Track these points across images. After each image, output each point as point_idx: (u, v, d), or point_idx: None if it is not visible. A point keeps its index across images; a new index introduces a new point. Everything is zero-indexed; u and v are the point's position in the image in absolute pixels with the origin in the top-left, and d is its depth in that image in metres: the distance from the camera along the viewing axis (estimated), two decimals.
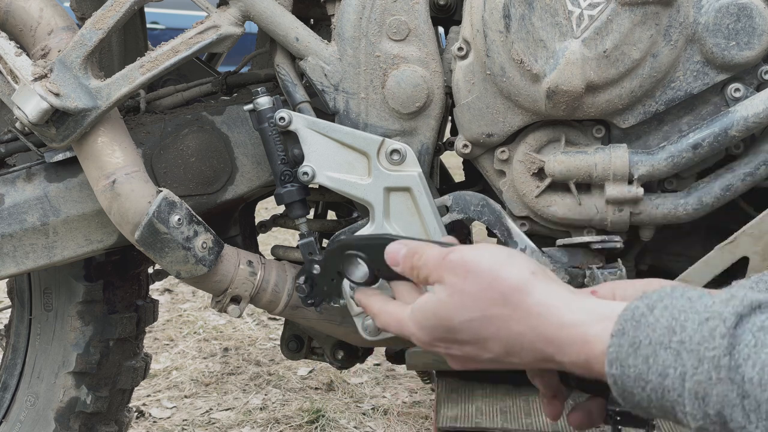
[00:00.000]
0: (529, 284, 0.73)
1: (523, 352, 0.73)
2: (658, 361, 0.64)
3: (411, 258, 0.83)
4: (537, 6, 1.11)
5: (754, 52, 1.12)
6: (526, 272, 0.74)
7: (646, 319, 0.67)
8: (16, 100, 1.14)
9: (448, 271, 0.77)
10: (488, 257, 0.76)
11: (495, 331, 0.74)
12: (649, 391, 0.65)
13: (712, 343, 0.62)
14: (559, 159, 1.16)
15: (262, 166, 1.33)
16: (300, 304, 1.27)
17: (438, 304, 0.77)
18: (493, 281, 0.74)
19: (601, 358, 0.68)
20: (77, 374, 1.47)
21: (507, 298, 0.73)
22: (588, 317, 0.70)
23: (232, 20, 1.19)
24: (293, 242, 2.72)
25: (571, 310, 0.71)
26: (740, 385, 0.60)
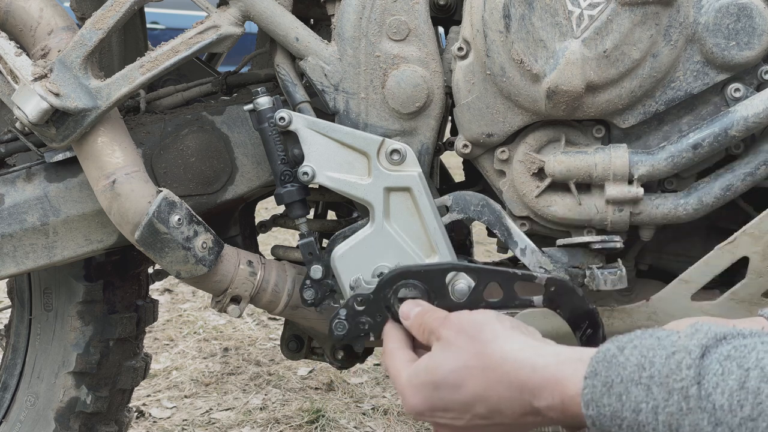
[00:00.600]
0: (506, 336, 0.79)
1: (505, 405, 0.76)
2: (630, 397, 0.67)
3: (422, 317, 0.89)
4: (537, 6, 1.11)
5: (754, 52, 1.12)
6: (506, 326, 0.80)
7: (616, 359, 0.69)
8: (16, 100, 1.14)
9: (445, 329, 0.83)
10: (477, 316, 0.82)
11: (474, 385, 0.77)
12: (626, 428, 0.67)
13: (679, 375, 0.64)
14: (559, 159, 1.16)
15: (262, 166, 1.33)
16: (300, 304, 1.27)
17: (430, 358, 0.83)
18: (476, 335, 0.79)
19: (576, 399, 0.70)
20: (77, 374, 1.47)
21: (485, 348, 0.78)
22: (558, 359, 0.74)
23: (232, 20, 1.19)
24: (293, 242, 2.72)
25: (543, 355, 0.75)
26: (711, 413, 0.61)
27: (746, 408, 0.60)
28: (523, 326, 0.82)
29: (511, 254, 1.29)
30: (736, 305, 1.18)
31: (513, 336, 0.78)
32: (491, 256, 3.34)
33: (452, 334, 0.81)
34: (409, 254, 1.18)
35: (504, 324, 0.80)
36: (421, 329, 0.88)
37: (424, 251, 1.19)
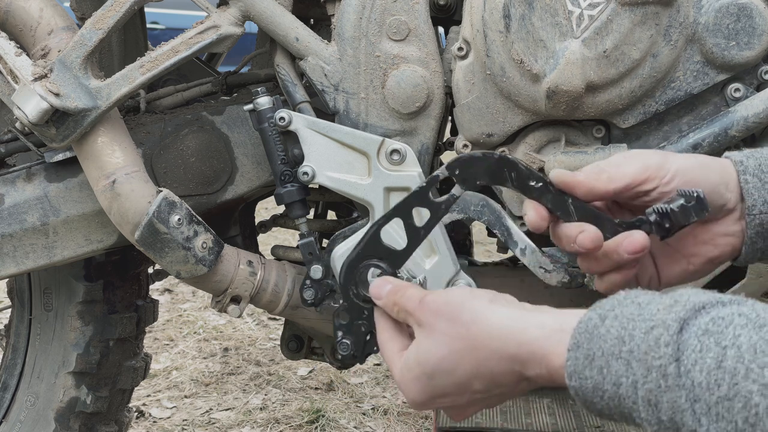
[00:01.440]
0: (487, 312, 0.77)
1: (499, 377, 0.77)
2: (611, 371, 0.68)
3: (394, 295, 0.86)
4: (537, 6, 1.11)
5: (754, 52, 1.12)
6: (484, 302, 0.79)
7: (598, 331, 0.70)
8: (16, 100, 1.14)
9: (423, 313, 0.81)
10: (453, 296, 0.81)
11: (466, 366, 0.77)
12: (607, 399, 0.68)
13: (657, 352, 0.65)
14: (559, 159, 1.16)
15: (262, 166, 1.33)
16: (300, 304, 1.27)
17: (417, 348, 0.81)
18: (456, 316, 0.78)
19: (561, 371, 0.71)
20: (77, 374, 1.47)
21: (469, 329, 0.77)
22: (542, 332, 0.74)
23: (232, 20, 1.19)
24: (293, 242, 2.72)
25: (527, 328, 0.75)
26: (690, 390, 0.62)
27: (723, 387, 0.61)
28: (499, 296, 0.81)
29: (511, 254, 1.29)
30: None
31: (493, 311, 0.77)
32: (491, 256, 3.34)
33: (432, 319, 0.80)
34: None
35: (481, 300, 0.79)
36: (396, 309, 0.86)
37: (424, 251, 1.19)
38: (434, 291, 0.84)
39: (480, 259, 1.56)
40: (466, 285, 1.19)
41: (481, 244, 3.46)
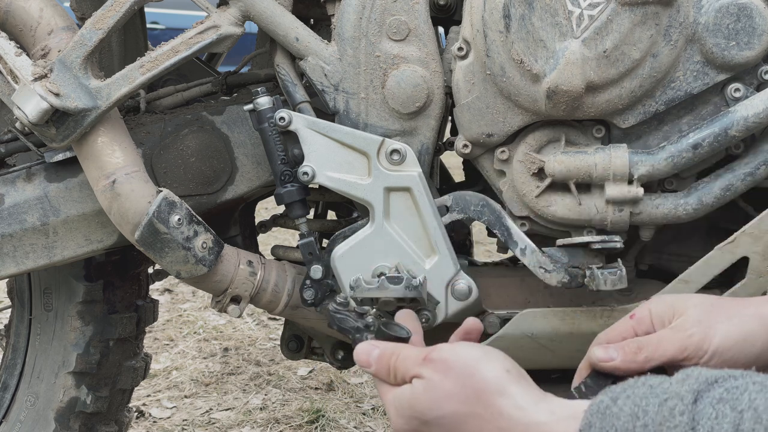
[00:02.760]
0: (502, 384, 0.76)
1: None
2: None
3: (387, 360, 0.83)
4: (537, 6, 1.11)
5: (754, 52, 1.12)
6: (501, 371, 0.77)
7: (610, 410, 0.69)
8: (16, 100, 1.14)
9: (428, 369, 0.79)
10: (465, 356, 0.78)
11: (466, 430, 0.76)
12: None
13: (672, 422, 0.64)
14: (559, 159, 1.16)
15: (262, 166, 1.33)
16: (300, 304, 1.27)
17: (413, 398, 0.79)
18: (468, 379, 0.76)
19: None
20: (77, 374, 1.47)
21: (479, 397, 0.76)
22: (552, 417, 0.73)
23: (232, 20, 1.19)
24: (293, 242, 2.72)
25: (538, 411, 0.74)
26: None
27: None
28: (514, 367, 0.78)
29: (511, 254, 1.29)
30: None
31: (507, 385, 0.75)
32: (491, 256, 3.34)
33: (437, 376, 0.77)
34: (408, 254, 1.18)
35: (495, 366, 0.77)
36: (391, 374, 0.82)
37: (424, 251, 1.19)
38: (438, 347, 0.80)
39: (480, 259, 1.56)
40: (467, 287, 1.19)
41: (481, 244, 3.46)
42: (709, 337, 0.81)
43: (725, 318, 0.82)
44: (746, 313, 0.83)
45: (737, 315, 0.83)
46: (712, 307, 0.84)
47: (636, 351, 0.83)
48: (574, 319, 1.22)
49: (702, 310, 0.84)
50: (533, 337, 1.22)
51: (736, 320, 0.82)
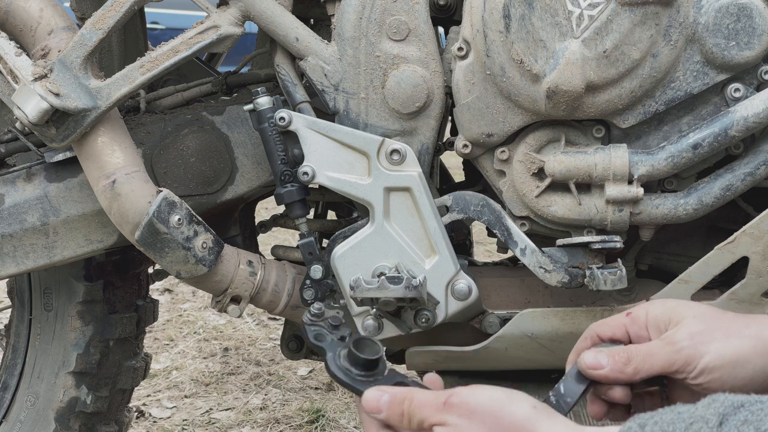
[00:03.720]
0: (532, 421, 0.75)
1: None
2: None
3: (400, 405, 0.80)
4: (537, 6, 1.11)
5: (754, 52, 1.12)
6: (528, 408, 0.75)
7: None
8: (16, 100, 1.14)
9: (451, 414, 0.76)
10: (489, 397, 0.77)
11: None
12: None
13: None
14: (559, 159, 1.16)
15: (262, 166, 1.33)
16: (300, 304, 1.27)
17: None
18: (497, 421, 0.75)
19: None
20: (77, 374, 1.47)
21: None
22: None
23: (232, 20, 1.19)
24: (293, 242, 2.72)
25: None
26: None
27: None
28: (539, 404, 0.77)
29: (511, 254, 1.29)
30: (736, 305, 1.18)
31: (537, 421, 0.74)
32: (491, 256, 3.34)
33: (465, 422, 0.75)
34: (408, 254, 1.18)
35: (521, 404, 0.75)
36: (405, 419, 0.79)
37: (424, 251, 1.19)
38: (455, 391, 0.79)
39: (480, 259, 1.56)
40: (467, 287, 1.19)
41: (481, 244, 3.46)
42: (699, 353, 0.81)
43: (721, 336, 0.82)
44: (744, 335, 0.82)
45: (734, 335, 0.82)
46: (710, 321, 0.84)
47: (625, 362, 0.83)
48: (574, 319, 1.22)
49: (699, 323, 0.83)
50: (533, 337, 1.22)
51: (732, 341, 0.81)
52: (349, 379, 0.83)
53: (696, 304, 0.87)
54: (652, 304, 0.88)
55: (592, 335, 0.90)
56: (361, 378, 0.83)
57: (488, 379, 1.43)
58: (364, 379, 0.83)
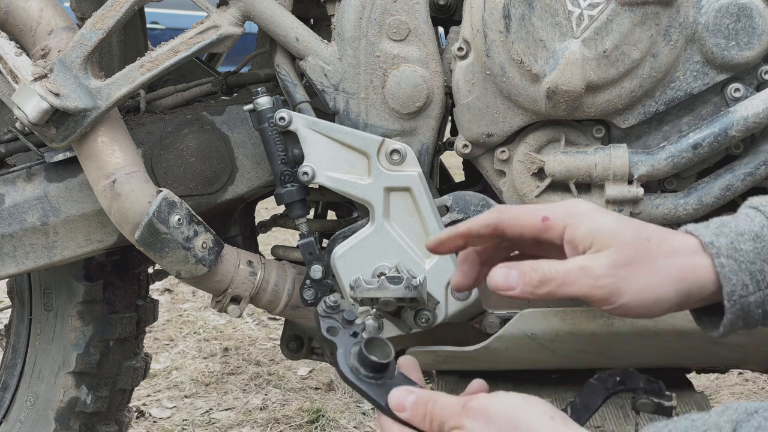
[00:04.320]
0: (549, 428, 0.74)
1: None
2: None
3: (424, 406, 0.80)
4: (537, 6, 1.11)
5: (754, 52, 1.12)
6: (545, 417, 0.75)
7: None
8: (16, 100, 1.14)
9: (468, 418, 0.76)
10: (506, 403, 0.76)
11: None
12: None
13: None
14: (559, 159, 1.16)
15: (262, 166, 1.33)
16: (300, 304, 1.27)
17: None
18: (515, 427, 0.74)
19: None
20: (77, 374, 1.47)
21: None
22: None
23: (232, 20, 1.19)
24: (293, 242, 2.72)
25: None
26: None
27: None
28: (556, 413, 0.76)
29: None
30: None
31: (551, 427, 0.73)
32: None
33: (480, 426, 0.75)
34: (408, 254, 1.18)
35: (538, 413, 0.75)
36: (427, 420, 0.79)
37: (424, 251, 1.19)
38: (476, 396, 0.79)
39: None
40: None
41: None
42: (619, 291, 0.78)
43: (644, 274, 0.78)
44: (667, 275, 0.79)
45: (657, 274, 0.78)
46: (634, 252, 0.79)
47: (537, 284, 0.79)
48: (574, 319, 1.22)
49: (622, 254, 0.79)
50: (533, 337, 1.22)
51: (654, 282, 0.78)
52: (357, 380, 0.83)
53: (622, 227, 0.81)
54: (574, 218, 0.82)
55: (496, 228, 0.84)
56: (368, 379, 0.83)
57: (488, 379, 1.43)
58: (371, 381, 0.83)
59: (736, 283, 0.78)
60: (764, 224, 0.79)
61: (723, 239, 0.79)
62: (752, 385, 2.58)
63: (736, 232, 0.79)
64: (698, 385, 2.47)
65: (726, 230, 0.79)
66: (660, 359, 1.29)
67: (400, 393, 0.81)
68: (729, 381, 2.59)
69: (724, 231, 0.79)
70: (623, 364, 1.28)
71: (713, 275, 0.78)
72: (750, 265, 0.78)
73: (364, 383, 0.83)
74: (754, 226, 0.79)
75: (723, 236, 0.79)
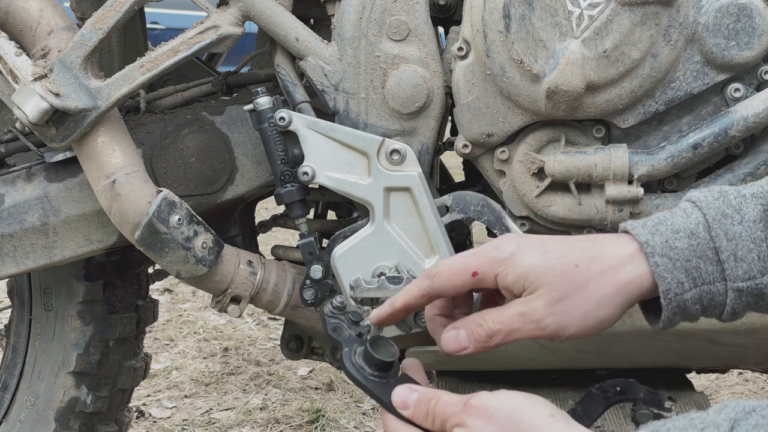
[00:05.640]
0: (550, 426, 0.74)
1: None
2: None
3: (426, 404, 0.81)
4: (537, 6, 1.11)
5: (754, 52, 1.12)
6: (546, 416, 0.75)
7: None
8: (16, 100, 1.14)
9: (470, 416, 0.77)
10: (508, 402, 0.77)
11: None
12: None
13: None
14: (559, 159, 1.16)
15: (262, 166, 1.33)
16: (300, 304, 1.27)
17: None
18: (516, 425, 0.75)
19: None
20: (77, 374, 1.47)
21: None
22: None
23: (232, 20, 1.19)
24: (293, 242, 2.72)
25: None
26: None
27: None
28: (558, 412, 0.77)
29: None
30: None
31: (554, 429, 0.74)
32: None
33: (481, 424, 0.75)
34: (409, 254, 1.18)
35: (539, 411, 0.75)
36: (429, 418, 0.80)
37: (424, 251, 1.19)
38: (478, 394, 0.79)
39: None
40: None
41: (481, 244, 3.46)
42: (563, 327, 0.80)
43: (581, 303, 0.79)
44: (604, 296, 0.80)
45: (594, 298, 0.79)
46: (567, 284, 0.80)
47: (486, 339, 0.81)
48: None
49: (556, 291, 0.80)
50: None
51: (591, 306, 0.80)
52: (362, 378, 0.84)
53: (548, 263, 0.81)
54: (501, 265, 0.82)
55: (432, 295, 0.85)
56: (373, 378, 0.84)
57: (488, 379, 1.43)
58: (376, 379, 0.84)
59: (671, 282, 0.79)
60: (700, 221, 0.79)
61: (658, 238, 0.79)
62: (752, 385, 2.58)
63: (671, 229, 0.80)
64: (698, 385, 2.47)
65: (662, 228, 0.80)
66: (660, 359, 1.29)
67: (403, 391, 0.82)
68: (729, 381, 2.60)
69: (660, 229, 0.80)
70: (623, 364, 1.28)
71: (650, 275, 0.79)
72: (685, 262, 0.78)
73: (368, 381, 0.84)
74: (689, 223, 0.79)
75: (658, 235, 0.80)
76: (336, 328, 0.90)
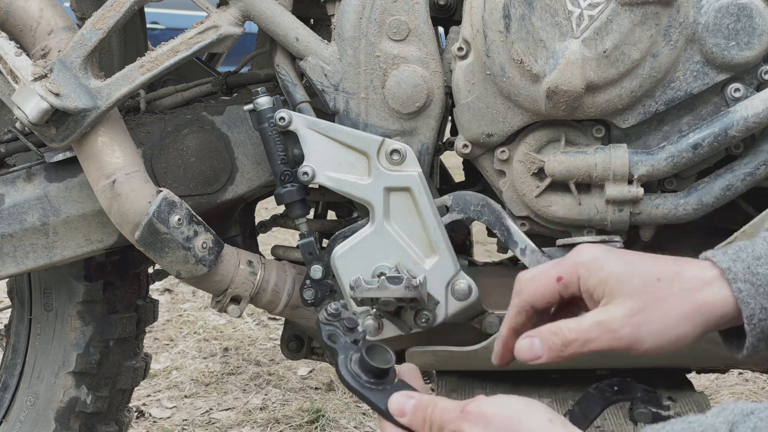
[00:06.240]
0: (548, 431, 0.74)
1: None
2: None
3: (423, 411, 0.80)
4: (537, 6, 1.11)
5: (754, 52, 1.12)
6: (544, 421, 0.75)
7: None
8: (16, 100, 1.15)
9: (467, 422, 0.77)
10: (506, 407, 0.77)
11: None
12: None
13: None
14: (559, 159, 1.16)
15: (262, 166, 1.33)
16: (300, 304, 1.27)
17: None
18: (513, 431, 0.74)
19: None
20: (77, 374, 1.47)
21: None
22: None
23: (232, 20, 1.19)
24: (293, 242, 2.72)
25: None
26: None
27: None
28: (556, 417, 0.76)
29: (511, 254, 1.29)
30: None
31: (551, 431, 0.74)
32: (491, 256, 3.34)
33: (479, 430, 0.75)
34: (409, 254, 1.18)
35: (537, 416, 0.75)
36: (426, 425, 0.79)
37: (424, 251, 1.19)
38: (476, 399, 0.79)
39: (480, 259, 1.56)
40: (467, 286, 1.19)
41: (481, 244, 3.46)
42: (639, 340, 0.79)
43: (659, 317, 0.79)
44: (682, 313, 0.80)
45: (673, 314, 0.80)
46: (647, 299, 0.80)
47: (561, 348, 0.81)
48: None
49: (634, 301, 0.80)
50: None
51: (671, 322, 0.79)
52: (358, 385, 0.83)
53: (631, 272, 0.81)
54: (583, 268, 0.83)
55: (527, 309, 0.87)
56: (369, 385, 0.83)
57: (488, 379, 1.43)
58: (372, 386, 0.83)
59: (754, 307, 0.78)
60: None
61: (740, 264, 0.79)
62: (752, 385, 2.58)
63: (753, 256, 0.80)
64: (698, 385, 2.47)
65: (743, 255, 0.80)
66: (660, 359, 1.29)
67: (400, 398, 0.82)
68: (729, 381, 2.60)
69: (741, 256, 0.80)
70: (623, 363, 1.28)
71: (732, 301, 0.79)
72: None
73: (365, 389, 0.83)
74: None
75: (740, 261, 0.80)
76: (331, 335, 0.90)
